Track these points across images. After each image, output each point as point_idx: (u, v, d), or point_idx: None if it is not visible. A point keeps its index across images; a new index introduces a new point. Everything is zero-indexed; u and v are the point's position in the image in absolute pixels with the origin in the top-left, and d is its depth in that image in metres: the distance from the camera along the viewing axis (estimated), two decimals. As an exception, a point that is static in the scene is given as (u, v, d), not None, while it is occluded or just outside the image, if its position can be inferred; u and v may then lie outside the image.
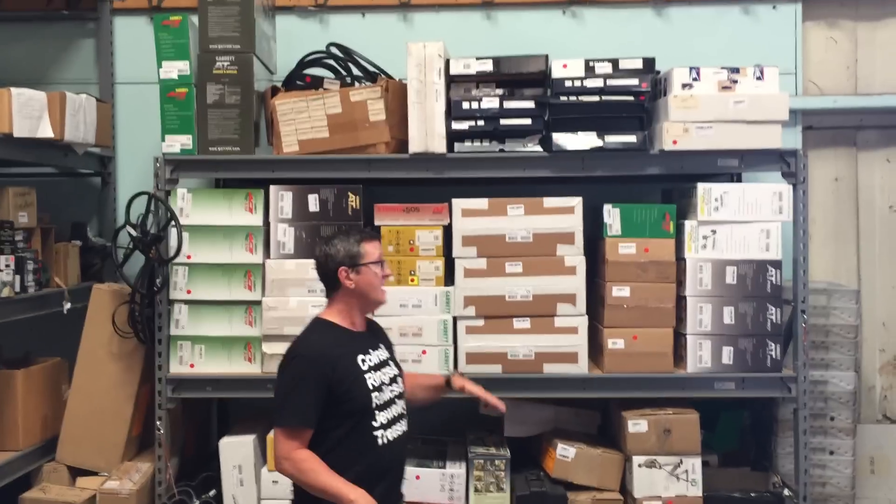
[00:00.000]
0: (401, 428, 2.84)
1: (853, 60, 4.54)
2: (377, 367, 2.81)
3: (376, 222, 3.76)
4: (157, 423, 3.70)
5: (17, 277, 3.53)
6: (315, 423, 2.65)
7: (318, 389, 2.64)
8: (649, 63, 3.72)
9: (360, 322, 2.87)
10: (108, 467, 3.79)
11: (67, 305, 3.83)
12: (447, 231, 3.74)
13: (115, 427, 3.83)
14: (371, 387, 2.75)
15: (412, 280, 3.71)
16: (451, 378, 3.14)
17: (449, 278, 3.76)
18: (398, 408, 2.85)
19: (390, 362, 2.92)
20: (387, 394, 2.80)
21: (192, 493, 3.74)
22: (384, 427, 2.76)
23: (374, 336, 2.95)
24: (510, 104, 3.68)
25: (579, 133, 3.66)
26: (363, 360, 2.78)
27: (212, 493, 3.77)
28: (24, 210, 3.65)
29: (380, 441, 2.74)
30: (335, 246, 2.80)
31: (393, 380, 2.86)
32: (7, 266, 3.45)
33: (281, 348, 3.63)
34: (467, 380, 3.14)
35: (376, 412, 2.74)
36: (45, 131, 3.61)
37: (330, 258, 2.79)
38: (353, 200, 3.74)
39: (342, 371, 2.69)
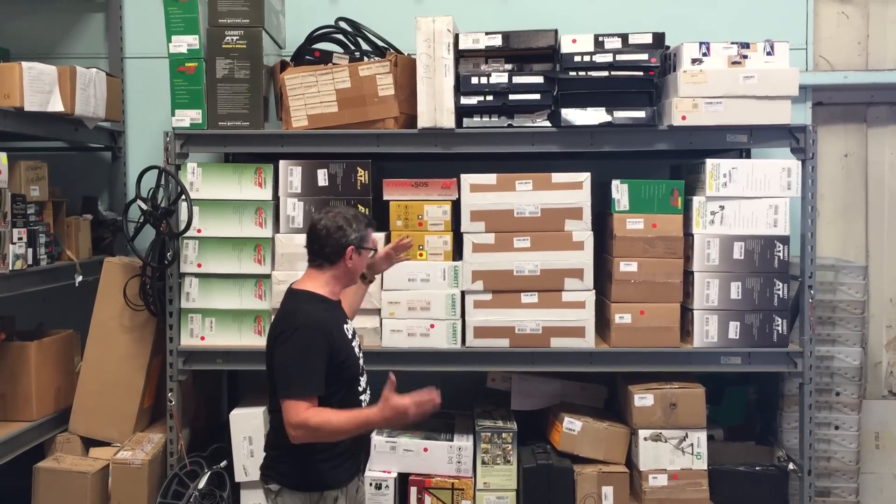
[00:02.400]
0: (369, 391, 2.93)
1: (865, 36, 4.51)
2: (353, 336, 2.93)
3: (385, 197, 3.78)
4: (169, 394, 3.75)
5: (30, 250, 3.56)
6: (324, 389, 2.68)
7: (323, 357, 2.68)
8: (659, 38, 3.70)
9: (338, 294, 2.91)
10: (121, 438, 3.85)
11: (79, 278, 3.87)
12: (455, 206, 3.75)
13: (128, 398, 3.88)
14: (357, 354, 2.88)
15: (420, 254, 3.73)
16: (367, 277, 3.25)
17: (457, 253, 3.78)
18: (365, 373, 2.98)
19: (355, 331, 3.02)
20: (361, 360, 2.93)
21: (203, 464, 3.79)
22: (364, 391, 2.89)
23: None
24: (519, 79, 3.68)
25: (588, 108, 3.65)
26: (347, 329, 2.87)
27: (222, 463, 3.82)
28: (35, 184, 3.68)
29: (363, 405, 2.83)
30: (351, 224, 2.79)
31: (360, 347, 2.96)
32: (20, 239, 3.48)
33: (290, 321, 3.69)
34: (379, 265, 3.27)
35: (360, 378, 2.88)
36: (56, 105, 3.63)
37: (342, 233, 2.78)
38: (362, 175, 3.76)
39: (339, 340, 2.75)
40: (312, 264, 2.85)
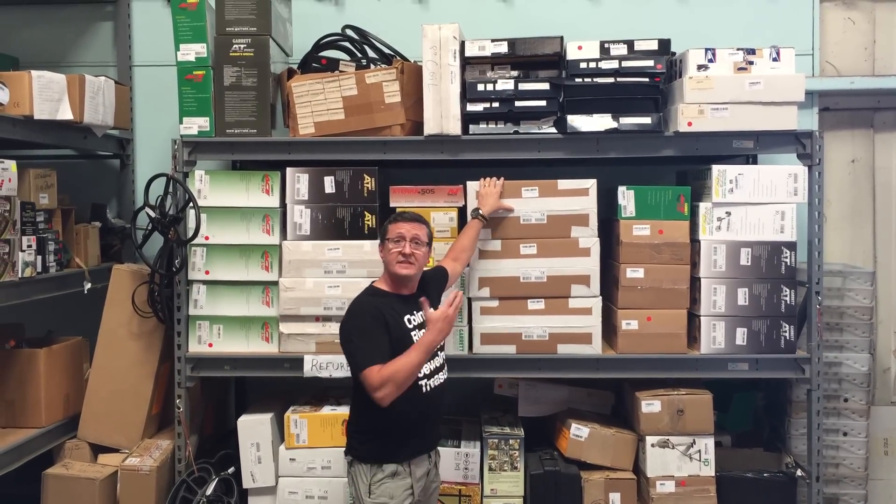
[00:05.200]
0: (441, 377, 3.20)
1: (871, 41, 4.50)
2: (422, 326, 3.10)
3: (391, 204, 3.78)
4: (177, 401, 3.76)
5: (39, 258, 3.58)
6: (389, 357, 2.93)
7: (381, 330, 2.97)
8: (665, 44, 3.71)
9: (406, 288, 3.16)
10: (129, 444, 3.86)
11: (88, 285, 3.88)
12: (462, 212, 3.76)
13: (136, 405, 3.89)
14: (416, 342, 3.05)
15: (428, 262, 3.73)
16: (483, 215, 3.63)
17: (464, 259, 3.78)
18: (439, 360, 3.20)
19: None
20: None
21: (211, 471, 3.80)
22: (427, 377, 3.10)
23: (425, 296, 3.21)
24: (525, 86, 3.69)
25: (594, 115, 3.66)
26: (409, 320, 3.11)
27: (230, 470, 3.82)
28: (44, 191, 3.70)
29: (424, 389, 3.08)
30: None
31: None
32: (29, 246, 3.50)
33: (297, 328, 3.73)
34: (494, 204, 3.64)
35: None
36: (65, 114, 3.65)
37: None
38: (369, 182, 3.77)
39: (391, 324, 3.01)
40: None
